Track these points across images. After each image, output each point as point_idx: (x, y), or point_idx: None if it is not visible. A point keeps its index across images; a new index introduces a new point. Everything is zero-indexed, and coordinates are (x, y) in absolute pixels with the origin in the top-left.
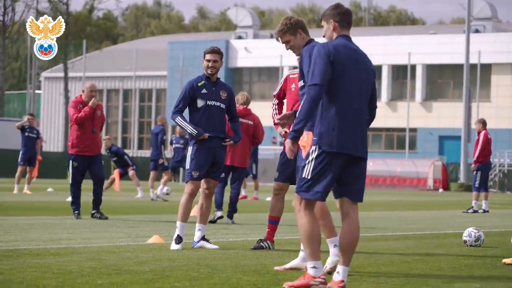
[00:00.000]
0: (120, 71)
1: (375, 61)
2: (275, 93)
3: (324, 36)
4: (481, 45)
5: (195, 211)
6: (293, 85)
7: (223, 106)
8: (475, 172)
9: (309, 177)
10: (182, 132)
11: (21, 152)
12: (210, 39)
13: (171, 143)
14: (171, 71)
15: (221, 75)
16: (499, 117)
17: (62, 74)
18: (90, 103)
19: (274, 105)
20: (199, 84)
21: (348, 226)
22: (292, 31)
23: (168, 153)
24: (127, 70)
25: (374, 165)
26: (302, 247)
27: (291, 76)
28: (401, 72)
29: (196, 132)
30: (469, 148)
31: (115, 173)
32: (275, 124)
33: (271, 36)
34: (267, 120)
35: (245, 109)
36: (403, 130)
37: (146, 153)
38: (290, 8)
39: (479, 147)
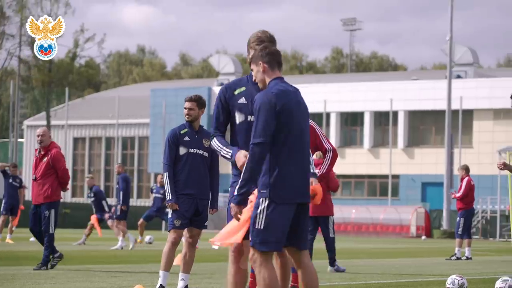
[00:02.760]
0: (102, 118)
1: (357, 107)
2: None
3: (254, 80)
4: (463, 90)
5: (178, 260)
6: None
7: (206, 154)
8: (458, 218)
9: (262, 228)
10: (163, 182)
11: (3, 201)
12: (192, 86)
13: (152, 191)
14: (153, 119)
15: (204, 122)
16: (481, 163)
17: (44, 122)
18: None
19: None
20: (181, 132)
21: (308, 275)
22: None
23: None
24: (109, 118)
25: (357, 212)
26: None
27: None
28: (383, 118)
29: (169, 198)
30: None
31: (93, 219)
32: None
33: None
34: None
35: (319, 160)
36: (386, 177)
37: (131, 201)
38: None
39: (461, 192)
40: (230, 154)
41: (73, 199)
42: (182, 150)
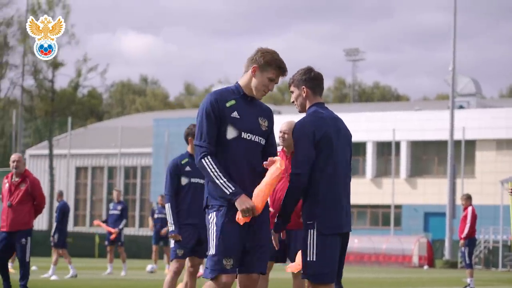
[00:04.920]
0: (105, 148)
1: (359, 137)
2: None
3: (293, 102)
4: (466, 121)
5: None
6: None
7: None
8: (463, 248)
9: (315, 260)
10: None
11: None
12: (195, 116)
13: (153, 215)
14: (156, 148)
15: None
16: (483, 193)
17: (47, 152)
18: None
19: None
20: (182, 162)
21: None
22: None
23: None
24: (112, 147)
25: (360, 242)
26: None
27: None
28: (385, 149)
29: (172, 229)
30: (454, 225)
31: (103, 225)
32: None
33: None
34: None
35: None
36: (388, 206)
37: (131, 230)
38: (275, 85)
39: (468, 223)
40: (231, 191)
41: (75, 228)
42: (184, 180)
